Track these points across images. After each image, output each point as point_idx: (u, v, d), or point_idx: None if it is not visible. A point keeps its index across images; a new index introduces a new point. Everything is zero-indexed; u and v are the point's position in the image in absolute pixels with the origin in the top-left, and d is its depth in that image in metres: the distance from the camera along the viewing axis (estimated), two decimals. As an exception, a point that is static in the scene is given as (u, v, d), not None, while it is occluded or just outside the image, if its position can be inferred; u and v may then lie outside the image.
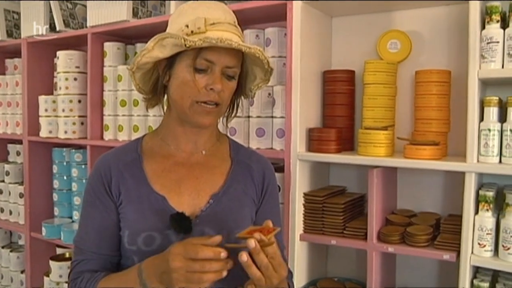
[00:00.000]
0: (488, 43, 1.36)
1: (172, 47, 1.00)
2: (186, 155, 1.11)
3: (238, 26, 1.06)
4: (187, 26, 1.00)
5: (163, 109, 1.14)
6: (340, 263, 1.88)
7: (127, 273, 1.01)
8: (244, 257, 0.88)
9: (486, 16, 1.38)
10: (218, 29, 1.00)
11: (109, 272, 1.06)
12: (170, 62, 1.04)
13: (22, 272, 2.73)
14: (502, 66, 1.36)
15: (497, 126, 1.37)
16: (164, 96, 1.10)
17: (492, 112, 1.39)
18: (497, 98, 1.40)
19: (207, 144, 1.13)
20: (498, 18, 1.36)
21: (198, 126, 1.06)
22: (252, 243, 0.87)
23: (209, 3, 1.05)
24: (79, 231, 1.12)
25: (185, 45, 0.97)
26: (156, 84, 1.09)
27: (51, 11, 2.38)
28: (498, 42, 1.35)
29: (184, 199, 1.06)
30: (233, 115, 1.16)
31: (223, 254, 0.87)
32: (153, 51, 1.01)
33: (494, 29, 1.36)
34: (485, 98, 1.41)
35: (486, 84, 1.52)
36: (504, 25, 1.38)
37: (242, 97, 1.16)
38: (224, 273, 0.88)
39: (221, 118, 1.14)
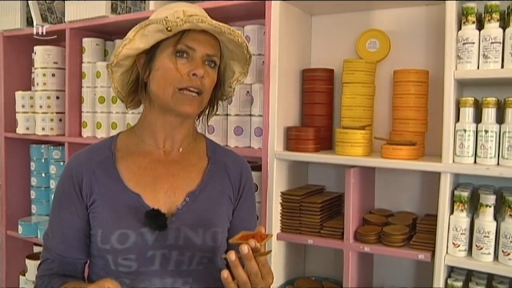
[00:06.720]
0: (464, 43, 1.36)
1: (153, 34, 1.00)
2: (163, 153, 1.09)
3: None
4: (166, 17, 0.99)
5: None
6: (318, 262, 1.88)
7: None
8: (232, 255, 0.87)
9: (462, 17, 1.38)
10: (198, 20, 1.01)
11: (67, 278, 1.05)
12: (149, 56, 1.03)
13: (-2, 270, 2.68)
14: (478, 67, 1.36)
15: (473, 126, 1.38)
16: (145, 93, 1.08)
17: (468, 113, 1.39)
18: (473, 98, 1.40)
19: (184, 142, 1.12)
20: (474, 19, 1.37)
21: (181, 115, 1.04)
22: (245, 248, 0.86)
23: (186, 3, 1.06)
24: (48, 229, 1.11)
25: (167, 28, 0.98)
26: (135, 84, 1.09)
27: (28, 5, 2.33)
28: (473, 43, 1.35)
29: (160, 197, 1.05)
30: (213, 113, 1.16)
31: None
32: (134, 41, 1.01)
33: (469, 30, 1.36)
34: (461, 99, 1.41)
35: (463, 84, 1.53)
36: (480, 27, 1.38)
37: (222, 97, 1.17)
38: None
39: (201, 118, 1.15)
